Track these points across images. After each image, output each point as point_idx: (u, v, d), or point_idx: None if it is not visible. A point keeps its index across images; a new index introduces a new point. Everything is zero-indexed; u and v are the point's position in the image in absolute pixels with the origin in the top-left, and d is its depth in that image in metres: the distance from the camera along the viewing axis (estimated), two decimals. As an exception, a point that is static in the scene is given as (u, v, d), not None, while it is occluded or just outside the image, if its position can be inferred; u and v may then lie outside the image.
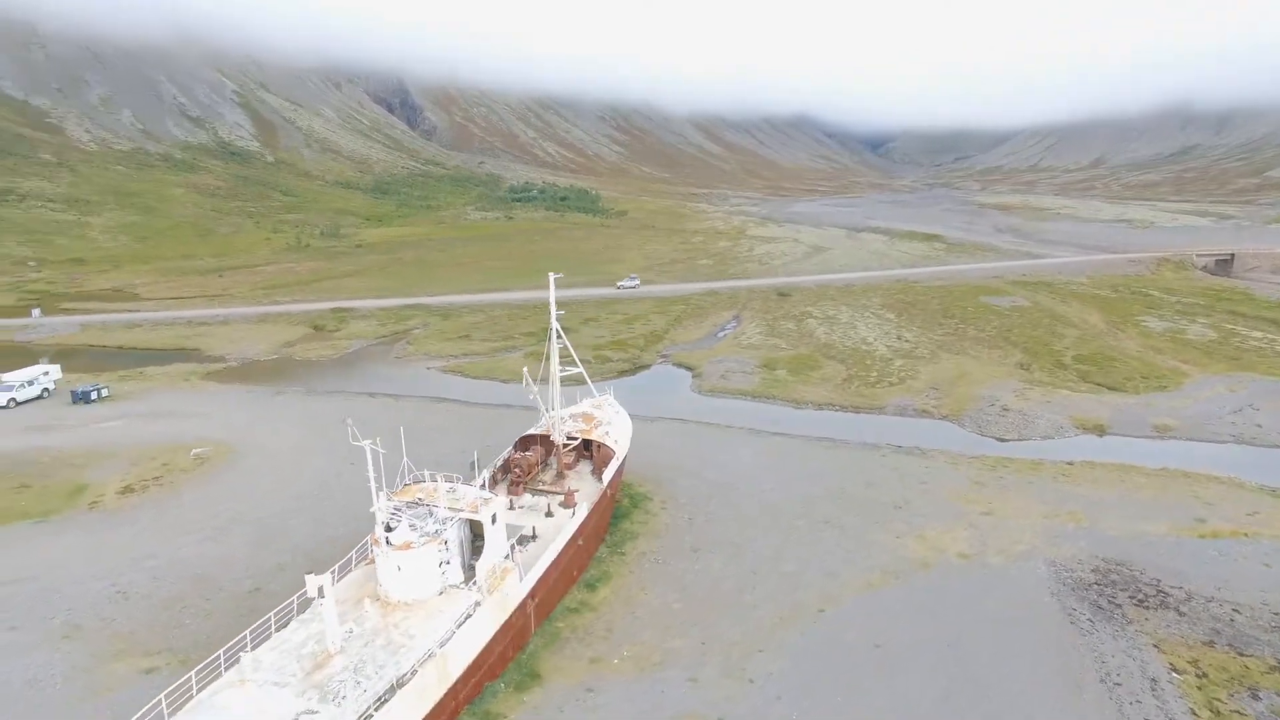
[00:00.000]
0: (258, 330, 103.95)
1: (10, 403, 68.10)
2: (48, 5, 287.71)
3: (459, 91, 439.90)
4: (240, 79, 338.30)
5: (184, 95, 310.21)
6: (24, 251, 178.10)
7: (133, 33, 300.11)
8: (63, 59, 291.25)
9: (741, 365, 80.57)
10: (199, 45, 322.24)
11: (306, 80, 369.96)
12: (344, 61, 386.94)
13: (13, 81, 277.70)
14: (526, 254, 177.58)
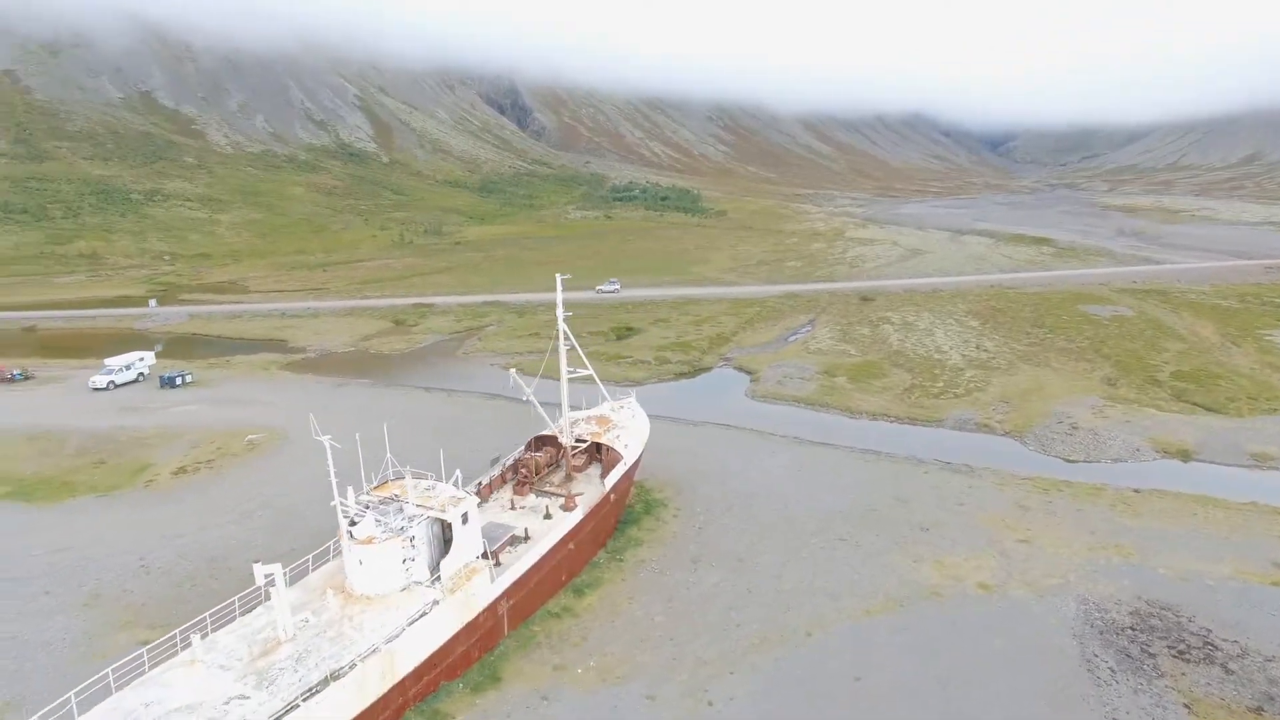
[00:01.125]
0: (342, 323, 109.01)
1: (110, 385, 74.05)
2: (199, 22, 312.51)
3: (568, 93, 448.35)
4: (361, 83, 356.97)
5: (310, 100, 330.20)
6: (162, 246, 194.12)
7: (268, 44, 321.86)
8: (208, 70, 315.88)
9: (801, 371, 77.86)
10: (326, 53, 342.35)
11: (423, 83, 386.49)
12: (459, 65, 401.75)
13: (166, 92, 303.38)
14: (616, 253, 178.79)
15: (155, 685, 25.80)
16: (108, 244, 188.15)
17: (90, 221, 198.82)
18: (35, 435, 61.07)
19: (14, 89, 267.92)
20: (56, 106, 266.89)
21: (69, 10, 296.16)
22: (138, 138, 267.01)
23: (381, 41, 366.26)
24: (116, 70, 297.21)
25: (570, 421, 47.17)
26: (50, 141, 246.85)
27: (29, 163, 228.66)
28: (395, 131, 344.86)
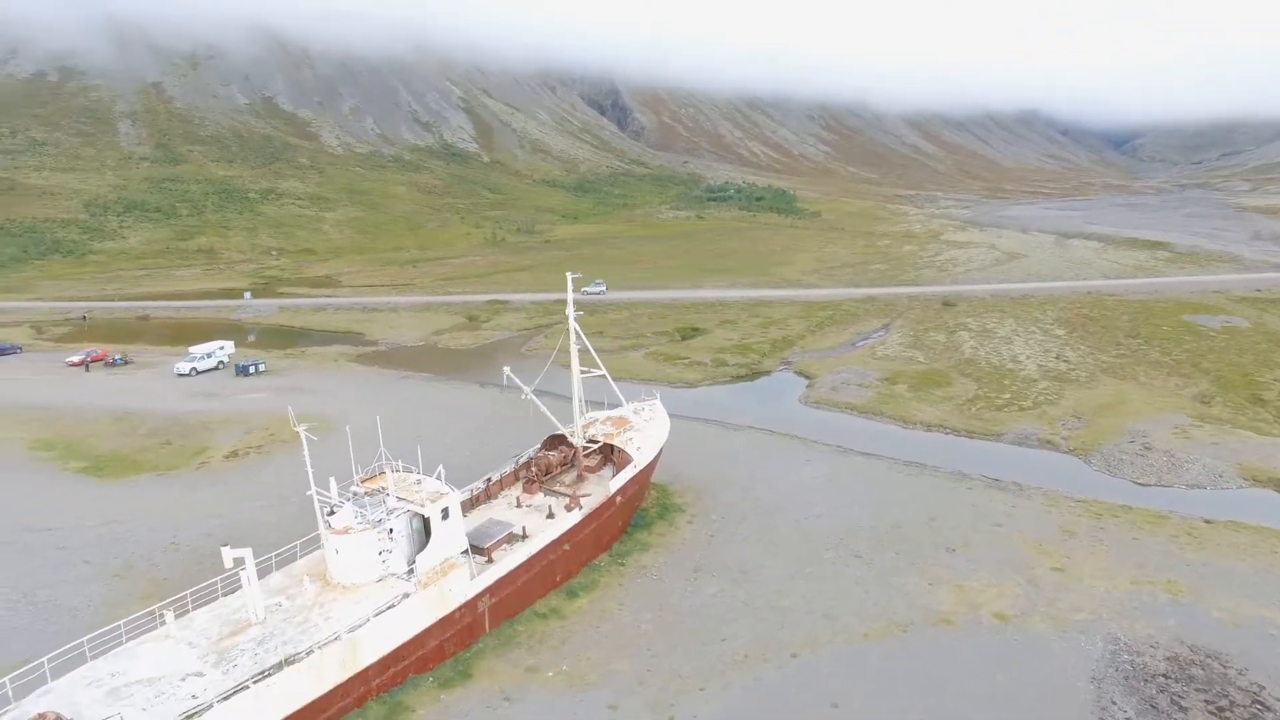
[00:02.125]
0: (418, 318, 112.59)
1: (192, 371, 79.06)
2: (318, 30, 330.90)
3: (668, 93, 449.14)
4: (466, 86, 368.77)
5: (417, 103, 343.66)
6: (271, 242, 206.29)
7: (380, 49, 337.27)
8: (324, 75, 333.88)
9: (860, 377, 74.79)
10: (434, 57, 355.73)
11: (525, 85, 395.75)
12: (561, 66, 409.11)
13: (286, 96, 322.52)
14: (702, 253, 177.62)
15: (126, 656, 27.07)
16: (224, 239, 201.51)
17: (211, 219, 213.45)
18: (119, 416, 65.79)
19: (159, 99, 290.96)
20: (192, 113, 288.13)
21: (208, 25, 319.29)
22: (259, 140, 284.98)
23: (487, 45, 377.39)
24: (245, 78, 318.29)
25: (587, 422, 46.93)
26: (185, 146, 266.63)
27: (166, 165, 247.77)
28: (496, 132, 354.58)
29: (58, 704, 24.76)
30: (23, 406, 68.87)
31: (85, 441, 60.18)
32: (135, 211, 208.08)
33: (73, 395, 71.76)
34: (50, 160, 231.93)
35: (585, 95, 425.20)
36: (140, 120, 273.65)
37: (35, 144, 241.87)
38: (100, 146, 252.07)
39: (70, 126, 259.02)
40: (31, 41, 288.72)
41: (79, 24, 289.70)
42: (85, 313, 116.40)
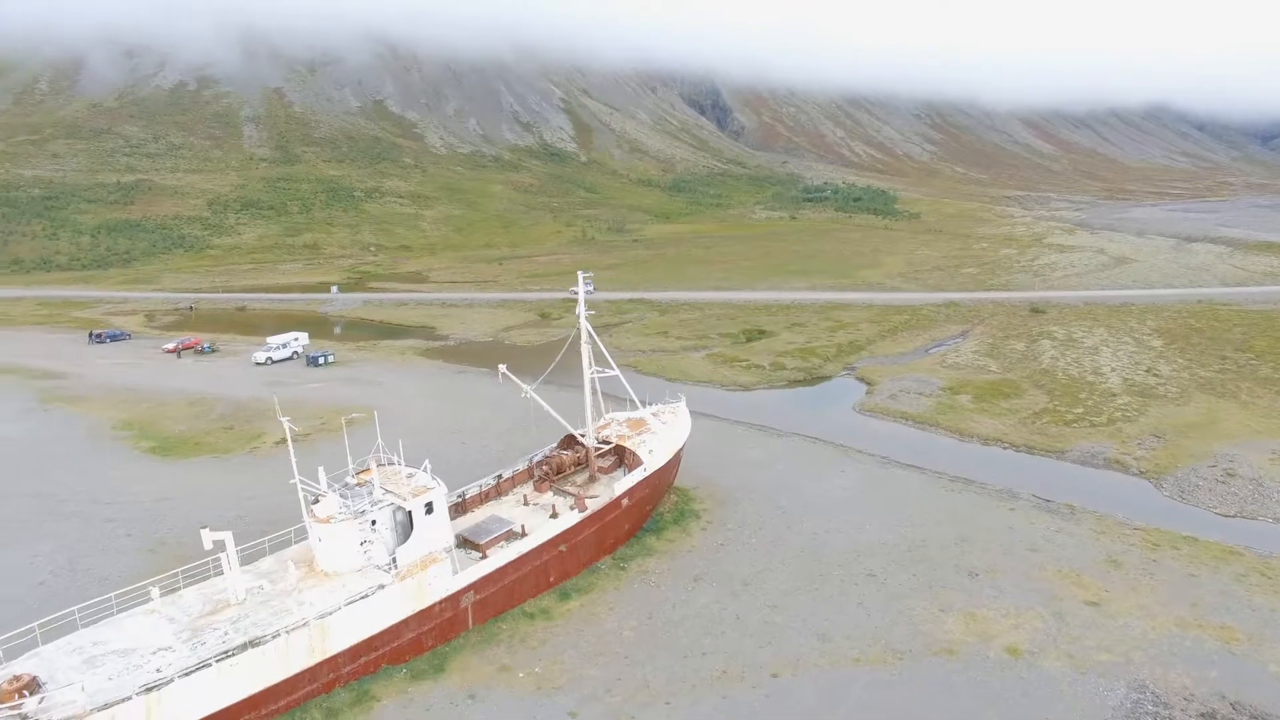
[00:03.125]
0: (491, 314, 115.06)
1: (268, 360, 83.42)
2: (426, 35, 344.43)
3: (769, 92, 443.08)
4: (567, 87, 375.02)
5: (519, 104, 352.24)
6: (371, 239, 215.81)
7: (484, 52, 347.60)
8: (431, 78, 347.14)
9: (923, 386, 71.17)
10: (535, 58, 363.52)
11: (625, 85, 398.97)
12: (662, 67, 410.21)
13: (395, 99, 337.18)
14: (787, 254, 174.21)
15: (111, 627, 28.52)
16: (328, 235, 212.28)
17: (318, 216, 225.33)
18: (195, 400, 70.13)
19: (280, 103, 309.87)
20: (309, 116, 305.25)
21: (327, 33, 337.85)
22: (368, 141, 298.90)
23: (589, 46, 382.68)
24: (358, 83, 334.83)
25: (604, 423, 46.56)
26: (301, 147, 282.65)
27: (282, 166, 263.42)
28: (595, 132, 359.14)
29: (39, 668, 26.34)
30: (118, 388, 74.43)
31: (160, 423, 64.37)
32: (251, 209, 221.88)
33: (161, 379, 77.02)
34: (184, 162, 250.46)
35: (685, 95, 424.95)
36: (263, 123, 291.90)
37: (173, 148, 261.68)
38: (226, 149, 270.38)
39: (203, 131, 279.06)
40: (176, 55, 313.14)
41: (216, 37, 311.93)
42: (192, 303, 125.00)
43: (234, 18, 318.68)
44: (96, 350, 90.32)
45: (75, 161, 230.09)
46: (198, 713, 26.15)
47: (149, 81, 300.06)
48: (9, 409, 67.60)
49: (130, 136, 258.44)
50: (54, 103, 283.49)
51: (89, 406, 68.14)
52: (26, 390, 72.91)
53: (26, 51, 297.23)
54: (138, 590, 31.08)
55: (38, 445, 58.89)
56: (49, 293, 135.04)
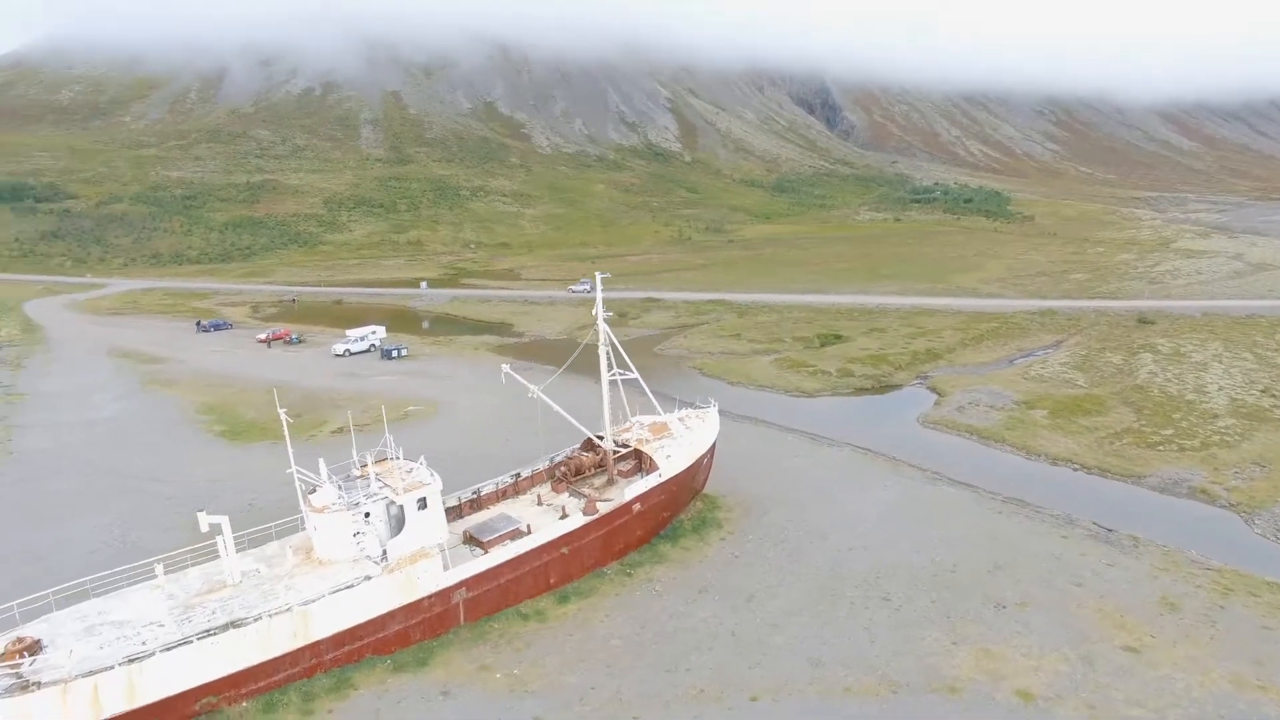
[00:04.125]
0: (570, 313, 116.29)
1: (346, 352, 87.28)
2: (537, 37, 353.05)
3: (881, 90, 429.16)
4: (674, 87, 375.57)
5: (625, 104, 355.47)
6: (472, 236, 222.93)
7: (593, 53, 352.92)
8: (540, 79, 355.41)
9: (995, 399, 66.76)
10: (643, 59, 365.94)
11: (733, 85, 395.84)
12: (770, 66, 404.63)
13: (505, 101, 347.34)
14: (883, 256, 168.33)
15: (117, 600, 30.26)
16: (432, 233, 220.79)
17: (425, 214, 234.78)
18: (269, 388, 74.06)
19: (396, 106, 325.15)
20: (422, 118, 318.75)
21: (443, 37, 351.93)
22: (477, 142, 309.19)
23: (697, 46, 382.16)
24: (469, 85, 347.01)
25: (627, 426, 46.01)
26: (413, 148, 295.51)
27: (395, 165, 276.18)
28: (700, 132, 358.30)
29: (46, 631, 28.24)
30: (210, 374, 79.75)
31: (236, 408, 68.39)
32: (363, 207, 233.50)
33: (248, 368, 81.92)
34: (306, 163, 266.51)
35: (794, 94, 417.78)
36: (379, 125, 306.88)
37: (298, 149, 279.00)
38: (345, 150, 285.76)
39: (325, 133, 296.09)
40: (306, 62, 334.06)
41: (341, 44, 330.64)
42: (294, 296, 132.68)
43: (358, 26, 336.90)
44: (201, 339, 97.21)
45: (214, 164, 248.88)
46: (176, 686, 27.34)
47: (281, 88, 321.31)
48: (114, 390, 73.57)
49: (261, 139, 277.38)
50: (201, 110, 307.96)
51: (180, 390, 73.23)
52: (132, 374, 79.19)
53: (180, 65, 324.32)
54: (144, 566, 32.72)
55: (127, 425, 63.73)
56: (176, 284, 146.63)
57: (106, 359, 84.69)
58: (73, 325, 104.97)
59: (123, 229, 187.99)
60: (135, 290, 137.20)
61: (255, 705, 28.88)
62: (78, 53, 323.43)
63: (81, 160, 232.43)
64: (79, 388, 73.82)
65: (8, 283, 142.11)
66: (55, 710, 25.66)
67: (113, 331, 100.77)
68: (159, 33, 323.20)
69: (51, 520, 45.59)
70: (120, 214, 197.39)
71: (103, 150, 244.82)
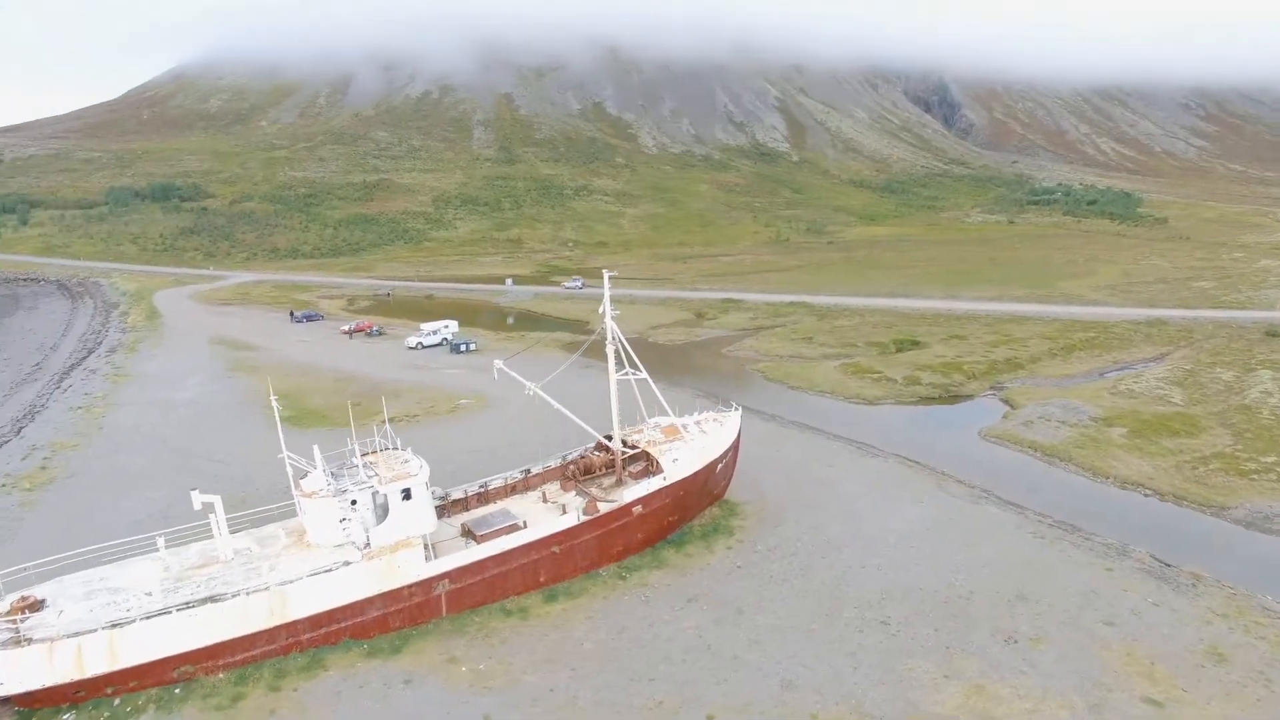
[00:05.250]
0: (648, 312, 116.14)
1: (418, 345, 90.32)
2: (645, 37, 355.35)
3: (1004, 86, 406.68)
4: (783, 86, 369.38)
5: (733, 104, 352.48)
6: (572, 235, 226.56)
7: (701, 53, 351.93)
8: (648, 80, 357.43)
9: (1069, 414, 61.69)
10: (753, 58, 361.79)
11: (845, 83, 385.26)
12: (885, 63, 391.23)
13: (613, 102, 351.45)
14: (985, 260, 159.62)
15: (119, 568, 32.25)
16: (532, 231, 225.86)
17: (527, 213, 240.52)
18: (342, 377, 77.68)
19: (508, 107, 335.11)
20: (532, 119, 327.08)
21: (555, 40, 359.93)
22: (584, 142, 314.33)
23: (808, 43, 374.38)
24: (580, 86, 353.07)
25: (639, 427, 45.33)
26: (522, 148, 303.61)
27: (503, 165, 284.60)
28: (809, 131, 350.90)
29: (51, 592, 30.46)
30: (290, 362, 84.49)
31: (306, 396, 71.96)
32: (469, 205, 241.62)
33: (327, 357, 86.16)
34: (420, 163, 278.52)
35: (910, 92, 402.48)
36: (491, 126, 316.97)
37: (413, 150, 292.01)
38: (457, 150, 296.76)
39: (439, 134, 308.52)
40: (424, 67, 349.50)
41: (457, 49, 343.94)
42: (389, 290, 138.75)
43: (474, 31, 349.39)
44: (293, 328, 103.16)
45: (335, 164, 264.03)
46: (155, 653, 28.85)
47: (401, 91, 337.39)
48: (204, 374, 79.08)
49: (380, 140, 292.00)
50: (328, 114, 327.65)
51: (260, 377, 77.65)
52: (223, 360, 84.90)
53: (312, 72, 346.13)
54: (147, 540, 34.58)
55: (205, 407, 68.25)
56: (286, 277, 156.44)
57: (205, 345, 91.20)
58: (188, 314, 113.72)
59: (249, 225, 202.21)
60: (248, 283, 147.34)
61: (230, 678, 30.09)
62: (227, 65, 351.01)
63: (221, 162, 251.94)
64: (175, 371, 79.79)
65: (147, 274, 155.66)
66: (43, 666, 27.60)
67: (219, 320, 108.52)
68: (296, 43, 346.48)
69: (113, 491, 49.32)
70: (249, 212, 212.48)
71: (240, 153, 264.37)
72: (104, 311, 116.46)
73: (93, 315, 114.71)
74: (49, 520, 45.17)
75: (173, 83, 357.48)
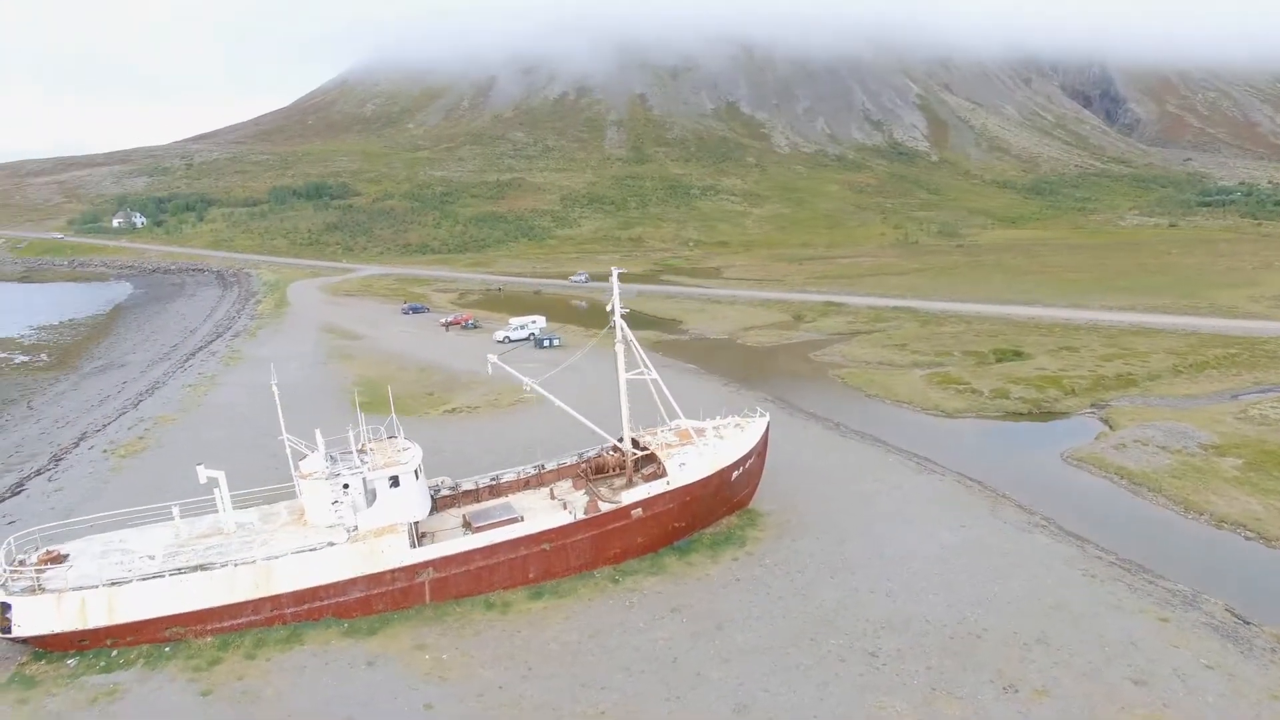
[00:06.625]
0: (745, 313, 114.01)
1: (505, 339, 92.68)
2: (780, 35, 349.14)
3: (1179, 75, 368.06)
4: (925, 82, 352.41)
5: (871, 102, 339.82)
6: (694, 234, 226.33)
7: (839, 50, 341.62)
8: (784, 78, 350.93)
9: (1176, 438, 54.82)
10: (892, 53, 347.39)
11: (993, 78, 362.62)
12: (1038, 55, 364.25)
13: (747, 101, 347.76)
14: (1130, 266, 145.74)
15: (137, 532, 34.95)
16: (655, 230, 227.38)
17: (651, 212, 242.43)
18: (424, 367, 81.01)
19: (641, 108, 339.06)
20: (664, 119, 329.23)
21: (689, 40, 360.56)
22: (716, 142, 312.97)
23: (954, 38, 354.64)
24: (713, 86, 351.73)
25: (654, 429, 44.31)
26: (653, 147, 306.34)
27: (633, 165, 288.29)
28: (952, 129, 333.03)
29: (76, 549, 33.48)
30: (384, 351, 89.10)
31: (387, 383, 75.42)
32: (595, 204, 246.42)
33: (419, 348, 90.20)
34: (553, 163, 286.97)
35: (1067, 86, 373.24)
36: (624, 127, 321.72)
37: (547, 150, 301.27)
38: (589, 150, 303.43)
39: (573, 135, 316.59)
40: (563, 69, 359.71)
41: (594, 51, 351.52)
42: (500, 286, 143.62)
43: (611, 33, 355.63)
44: (400, 320, 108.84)
45: (472, 164, 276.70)
46: (148, 612, 31.02)
47: (539, 93, 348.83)
48: (305, 360, 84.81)
49: (516, 141, 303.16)
50: (470, 116, 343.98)
51: (352, 365, 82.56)
52: (326, 348, 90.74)
53: (458, 76, 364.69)
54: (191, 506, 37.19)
55: (294, 390, 72.18)
56: (409, 271, 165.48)
57: (314, 333, 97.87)
58: (312, 304, 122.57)
59: (388, 222, 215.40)
60: (374, 276, 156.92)
61: (215, 642, 31.86)
62: (383, 71, 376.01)
63: (369, 163, 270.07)
64: (281, 355, 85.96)
65: (290, 266, 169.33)
66: (51, 613, 30.35)
67: (337, 310, 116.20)
68: (445, 49, 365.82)
69: (186, 462, 53.11)
70: (389, 209, 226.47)
71: (386, 154, 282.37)
72: (243, 300, 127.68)
73: (234, 303, 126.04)
74: (127, 484, 49.78)
75: (336, 89, 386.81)
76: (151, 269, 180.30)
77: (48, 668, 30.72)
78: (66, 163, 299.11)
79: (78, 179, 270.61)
